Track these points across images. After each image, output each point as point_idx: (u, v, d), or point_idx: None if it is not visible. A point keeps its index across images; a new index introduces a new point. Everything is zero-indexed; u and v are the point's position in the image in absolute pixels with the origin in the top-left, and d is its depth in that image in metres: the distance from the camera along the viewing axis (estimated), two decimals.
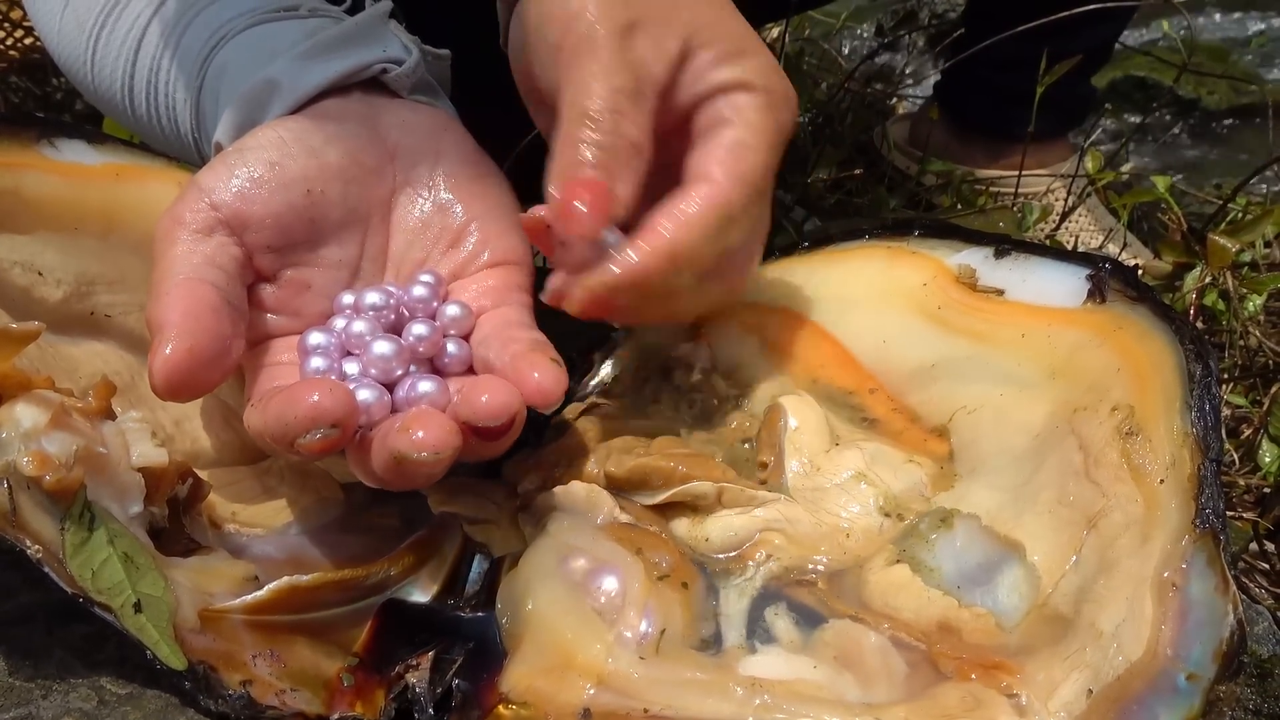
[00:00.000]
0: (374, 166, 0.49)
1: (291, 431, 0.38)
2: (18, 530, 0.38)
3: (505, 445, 0.41)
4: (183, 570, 0.42)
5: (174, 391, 0.41)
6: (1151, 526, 0.37)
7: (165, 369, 0.40)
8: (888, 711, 0.36)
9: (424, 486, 0.44)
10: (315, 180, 0.47)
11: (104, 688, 0.39)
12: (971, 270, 0.49)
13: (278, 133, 0.47)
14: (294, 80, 0.50)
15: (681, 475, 0.45)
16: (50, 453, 0.40)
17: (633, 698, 0.37)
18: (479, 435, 0.40)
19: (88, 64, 0.60)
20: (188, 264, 0.43)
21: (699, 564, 0.44)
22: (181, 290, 0.42)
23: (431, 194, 0.49)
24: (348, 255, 0.48)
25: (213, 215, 0.45)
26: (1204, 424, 0.38)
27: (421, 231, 0.49)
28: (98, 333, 0.52)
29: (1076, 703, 0.34)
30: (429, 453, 0.37)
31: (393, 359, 0.44)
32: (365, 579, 0.44)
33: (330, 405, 0.38)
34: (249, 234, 0.45)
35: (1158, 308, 0.43)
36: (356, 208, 0.48)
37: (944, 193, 1.07)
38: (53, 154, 0.50)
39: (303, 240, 0.47)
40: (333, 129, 0.48)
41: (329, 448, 0.39)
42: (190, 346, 0.41)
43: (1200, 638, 0.33)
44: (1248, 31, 1.77)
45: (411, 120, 0.50)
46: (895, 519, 0.44)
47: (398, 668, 0.42)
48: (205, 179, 0.46)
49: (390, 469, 0.39)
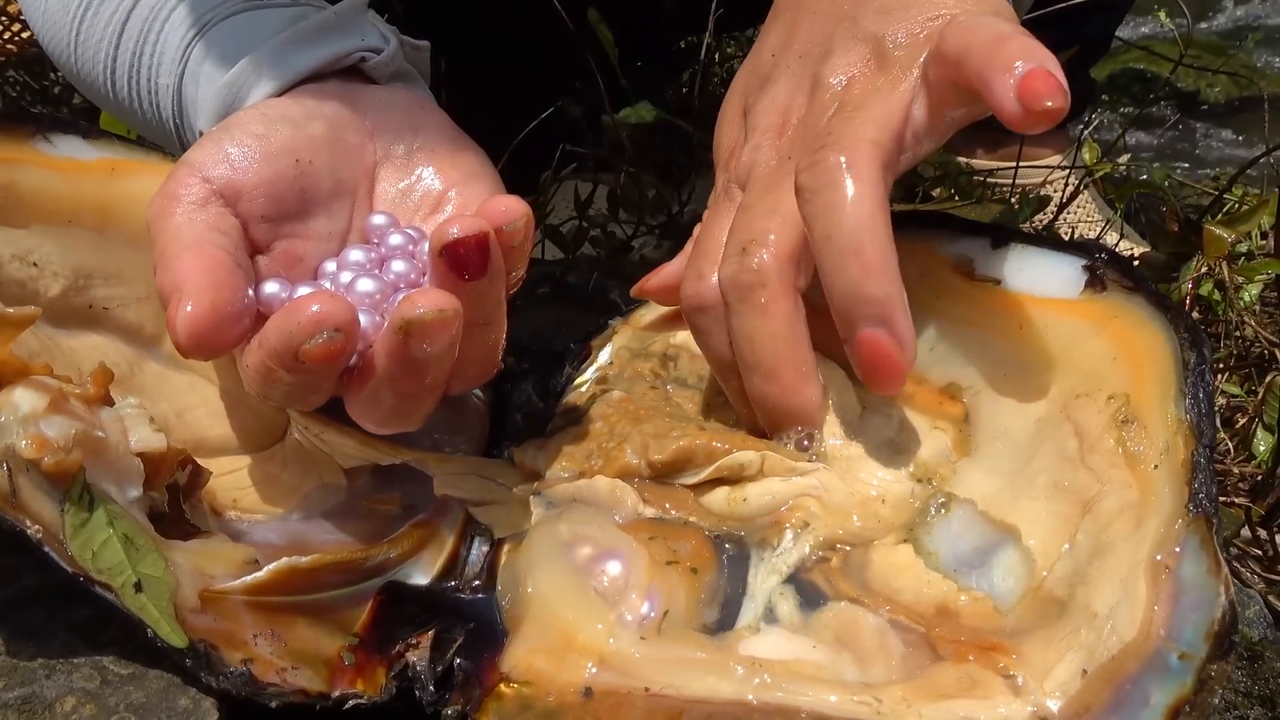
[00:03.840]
0: (356, 143, 0.50)
1: (294, 340, 0.39)
2: (18, 511, 0.38)
3: (496, 300, 0.42)
4: (183, 552, 0.42)
5: (199, 347, 0.41)
6: (1145, 511, 0.37)
7: (189, 324, 0.41)
8: (885, 691, 0.36)
9: (436, 385, 0.43)
10: (303, 151, 0.48)
11: (107, 668, 0.39)
12: (969, 260, 0.50)
13: (261, 110, 0.49)
14: (274, 67, 0.51)
15: (724, 451, 0.45)
16: (49, 436, 0.40)
17: (634, 677, 0.38)
18: (460, 267, 0.40)
19: (71, 46, 0.60)
20: (192, 231, 0.44)
21: (735, 539, 0.44)
22: (193, 252, 0.43)
23: (411, 166, 0.51)
24: (337, 227, 0.49)
25: (206, 187, 0.45)
26: (1198, 411, 0.39)
27: (402, 201, 0.50)
28: (96, 325, 0.52)
29: (1071, 682, 0.35)
30: (432, 309, 0.38)
31: (376, 293, 0.45)
32: (365, 561, 0.45)
33: (332, 309, 0.39)
34: (242, 204, 0.46)
35: (1153, 297, 0.43)
36: (344, 180, 0.49)
37: (942, 184, 1.07)
38: (48, 149, 0.51)
39: (294, 211, 0.48)
40: (314, 106, 0.49)
41: (333, 354, 0.39)
42: (212, 301, 0.41)
43: (1192, 618, 0.34)
44: (1248, 23, 1.77)
45: (389, 100, 0.52)
46: (925, 484, 0.44)
47: (398, 647, 0.42)
48: (194, 155, 0.46)
49: (400, 350, 0.39)
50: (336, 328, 0.39)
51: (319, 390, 0.43)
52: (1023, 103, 0.38)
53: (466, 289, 0.40)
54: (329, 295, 0.40)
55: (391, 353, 0.40)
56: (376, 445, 0.49)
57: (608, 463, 0.47)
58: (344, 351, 0.40)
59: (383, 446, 0.49)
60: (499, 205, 0.42)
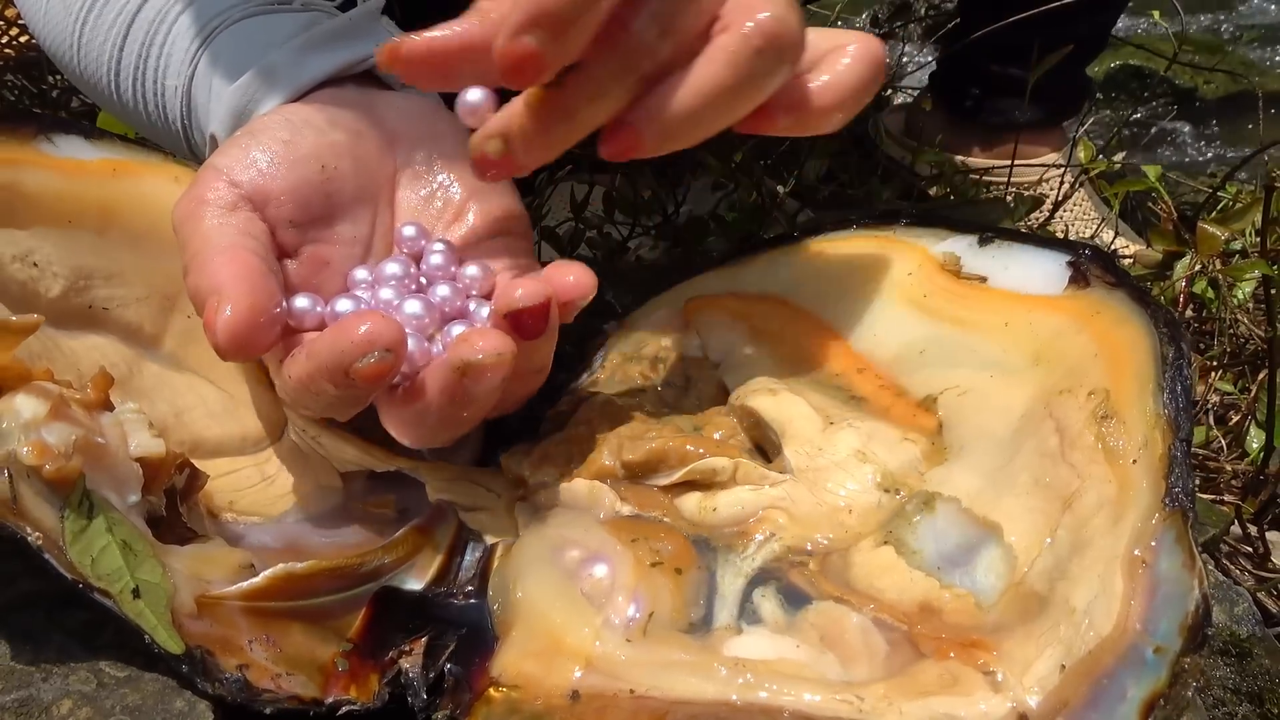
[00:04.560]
0: (376, 149, 0.50)
1: (347, 358, 0.40)
2: (19, 518, 0.39)
3: (545, 353, 0.44)
4: (180, 557, 0.42)
5: (239, 350, 0.42)
6: (1124, 506, 0.38)
7: (230, 328, 0.41)
8: (868, 689, 0.36)
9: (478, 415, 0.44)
10: (328, 157, 0.48)
11: (103, 671, 0.40)
12: (956, 258, 0.50)
13: (284, 115, 0.49)
14: (291, 72, 0.51)
15: (697, 455, 0.46)
16: (49, 442, 0.41)
17: (619, 679, 0.38)
18: (519, 330, 0.41)
19: (74, 48, 0.60)
20: (224, 235, 0.44)
21: (701, 542, 0.45)
22: (226, 256, 0.43)
23: (431, 173, 0.51)
24: (361, 233, 0.49)
25: (234, 191, 0.46)
26: (1175, 405, 0.39)
27: (424, 209, 0.51)
28: (96, 326, 0.52)
29: (1050, 678, 0.35)
30: (490, 353, 0.40)
31: (424, 316, 0.45)
32: (359, 567, 0.45)
33: (383, 329, 0.40)
34: (270, 208, 0.46)
35: (1135, 292, 0.44)
36: (367, 185, 0.49)
37: (938, 183, 1.07)
38: (50, 150, 0.51)
39: (321, 216, 0.48)
40: (335, 114, 0.50)
41: (384, 373, 0.40)
42: (251, 304, 0.42)
43: (1167, 612, 0.34)
44: (1243, 21, 1.77)
45: (406, 107, 0.52)
46: (892, 494, 0.45)
47: (391, 653, 0.42)
48: (220, 160, 0.47)
49: (452, 385, 0.41)
50: (388, 348, 0.40)
51: (359, 404, 0.44)
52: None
53: (523, 346, 0.42)
54: (380, 315, 0.40)
55: (445, 388, 0.41)
56: (372, 451, 0.49)
57: (585, 465, 0.47)
58: (393, 371, 0.41)
59: (378, 452, 0.49)
60: (567, 276, 0.44)
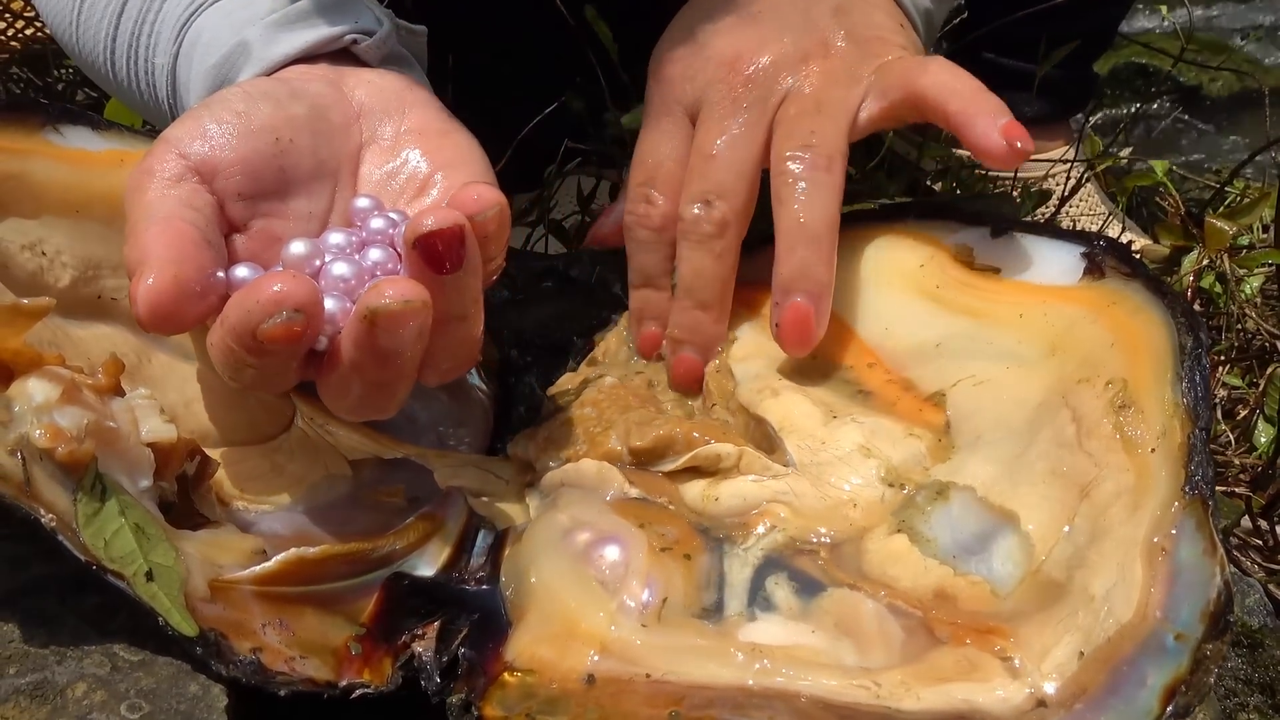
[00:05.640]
0: (340, 124, 0.49)
1: (253, 318, 0.38)
2: (32, 500, 0.39)
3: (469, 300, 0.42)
4: (192, 542, 0.42)
5: (159, 321, 0.41)
6: (1142, 494, 0.38)
7: (150, 297, 0.40)
8: (885, 675, 0.36)
9: (403, 375, 0.42)
10: (283, 129, 0.47)
11: (117, 655, 0.40)
12: (969, 249, 0.50)
13: (244, 88, 0.48)
14: (264, 47, 0.51)
15: (702, 441, 0.46)
16: (62, 425, 0.40)
17: (635, 664, 0.38)
18: (433, 262, 0.40)
19: (73, 25, 0.60)
20: (163, 206, 0.43)
21: (704, 531, 0.45)
22: (160, 227, 0.42)
23: (398, 149, 0.50)
24: (317, 208, 0.48)
25: (182, 163, 0.45)
26: (1194, 394, 0.39)
27: (387, 184, 0.49)
28: (105, 316, 0.52)
29: (1068, 664, 0.35)
30: (399, 299, 0.38)
31: (352, 279, 0.44)
32: (371, 552, 0.45)
33: (293, 289, 0.38)
34: (219, 180, 0.46)
35: (1151, 283, 0.44)
36: (326, 160, 0.49)
37: (944, 178, 1.07)
38: (58, 140, 0.51)
39: (273, 189, 0.47)
40: (299, 86, 0.49)
41: (292, 335, 0.38)
42: (175, 275, 0.40)
43: (1188, 599, 0.34)
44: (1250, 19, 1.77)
45: (378, 82, 0.51)
46: (897, 489, 0.45)
47: (404, 637, 0.42)
48: (172, 132, 0.46)
49: (364, 337, 0.39)
50: (297, 308, 0.38)
51: (284, 373, 0.42)
52: (1007, 140, 0.47)
53: (441, 282, 0.40)
54: (291, 275, 0.39)
55: (357, 341, 0.40)
56: (380, 438, 0.49)
57: (593, 448, 0.47)
58: (304, 333, 0.39)
59: (386, 440, 0.49)
60: (471, 193, 0.42)
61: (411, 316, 0.38)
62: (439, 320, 0.40)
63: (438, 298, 0.40)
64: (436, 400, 0.55)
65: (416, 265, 0.40)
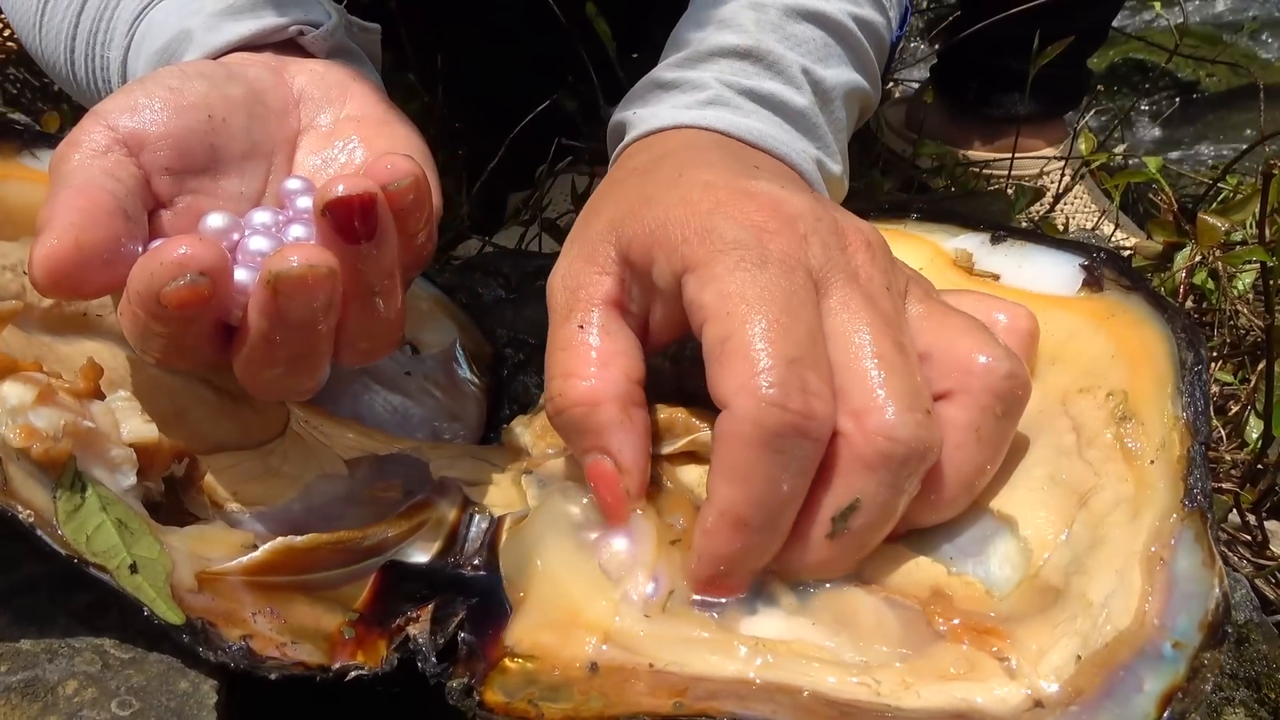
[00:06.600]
0: (278, 108, 0.49)
1: (157, 281, 0.37)
2: (9, 498, 0.38)
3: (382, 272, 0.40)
4: (179, 537, 0.42)
5: (55, 284, 0.40)
6: (1141, 505, 0.38)
7: (47, 258, 0.39)
8: (884, 672, 0.37)
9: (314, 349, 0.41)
10: (217, 108, 0.46)
11: (108, 652, 0.39)
12: (968, 255, 0.50)
13: (180, 67, 0.48)
14: (206, 33, 0.50)
15: (700, 426, 0.45)
16: (37, 426, 0.40)
17: (638, 654, 0.38)
18: (344, 231, 0.39)
19: (36, 29, 0.60)
20: (81, 174, 0.42)
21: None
22: (73, 191, 0.41)
23: (335, 137, 0.49)
24: (250, 189, 0.47)
25: (110, 135, 0.44)
26: (1194, 409, 0.39)
27: (323, 170, 0.49)
28: (89, 331, 0.51)
29: (1065, 667, 0.36)
30: (303, 263, 0.37)
31: (270, 253, 0.42)
32: (362, 540, 0.44)
33: (198, 251, 0.37)
34: (146, 153, 0.45)
35: (1151, 297, 0.44)
36: (260, 142, 0.48)
37: (939, 176, 1.07)
38: (34, 164, 0.51)
39: (202, 166, 0.46)
40: (237, 70, 0.49)
41: (198, 298, 0.38)
42: (77, 239, 0.39)
43: (1186, 609, 0.35)
44: (1245, 13, 1.77)
45: (320, 71, 0.51)
46: None
47: (399, 621, 0.42)
48: (103, 106, 0.45)
49: (269, 302, 0.38)
50: (202, 271, 0.37)
51: (194, 344, 0.42)
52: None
53: (353, 253, 0.39)
54: (197, 239, 0.38)
55: (263, 308, 0.39)
56: (373, 435, 0.49)
57: None
58: (210, 298, 0.38)
59: (379, 436, 0.49)
60: (385, 163, 0.40)
61: (316, 283, 0.37)
62: (353, 295, 0.40)
63: (350, 270, 0.39)
64: (430, 396, 0.55)
65: (327, 234, 0.39)
